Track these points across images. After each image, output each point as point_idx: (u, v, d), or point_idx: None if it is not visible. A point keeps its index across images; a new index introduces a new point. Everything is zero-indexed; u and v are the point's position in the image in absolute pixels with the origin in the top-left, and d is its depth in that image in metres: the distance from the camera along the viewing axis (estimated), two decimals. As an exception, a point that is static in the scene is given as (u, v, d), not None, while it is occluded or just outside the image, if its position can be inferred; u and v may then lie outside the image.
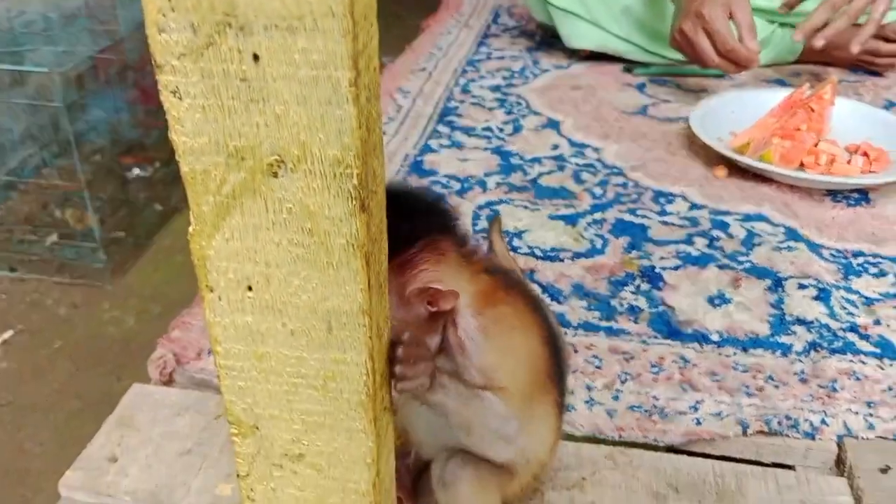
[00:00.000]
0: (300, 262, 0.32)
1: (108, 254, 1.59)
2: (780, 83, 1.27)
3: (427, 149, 1.04)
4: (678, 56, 1.31)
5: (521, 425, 0.45)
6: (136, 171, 1.92)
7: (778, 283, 0.75)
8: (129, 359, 1.04)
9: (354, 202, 0.30)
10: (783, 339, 0.69)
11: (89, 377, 1.03)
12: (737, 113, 1.07)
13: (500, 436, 0.45)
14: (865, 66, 1.32)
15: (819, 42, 1.08)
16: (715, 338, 0.69)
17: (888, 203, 0.91)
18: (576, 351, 0.68)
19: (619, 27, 1.29)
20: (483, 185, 0.95)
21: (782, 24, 1.30)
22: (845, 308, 0.73)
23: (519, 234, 0.84)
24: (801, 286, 0.75)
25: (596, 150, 1.04)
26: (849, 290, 0.75)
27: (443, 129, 1.11)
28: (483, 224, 0.86)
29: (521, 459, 0.47)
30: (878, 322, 0.71)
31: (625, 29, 1.29)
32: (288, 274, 0.33)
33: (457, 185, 0.95)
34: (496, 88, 1.25)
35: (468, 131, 1.10)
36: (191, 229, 0.33)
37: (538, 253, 0.81)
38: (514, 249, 0.81)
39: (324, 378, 0.36)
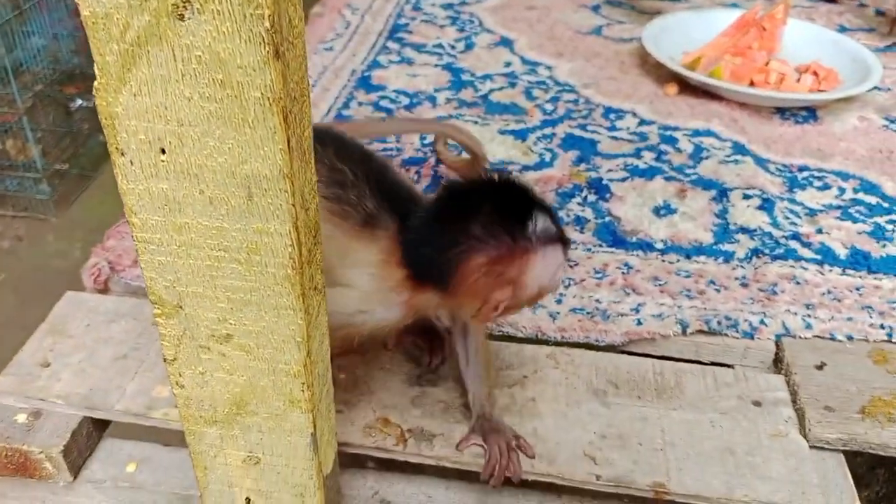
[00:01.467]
0: (214, 119, 0.30)
1: (52, 185, 1.54)
2: (735, 5, 1.26)
3: (376, 64, 1.01)
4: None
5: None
6: (80, 101, 1.84)
7: (723, 194, 0.76)
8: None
9: (268, 48, 0.28)
10: (726, 246, 0.69)
11: (35, 309, 1.00)
12: (690, 32, 1.05)
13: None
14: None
15: None
16: (659, 246, 0.69)
17: (835, 121, 0.91)
18: (521, 258, 0.67)
19: (576, -53, 1.26)
20: (433, 100, 0.93)
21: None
22: (788, 218, 0.73)
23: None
24: (746, 196, 0.75)
25: (549, 67, 1.02)
26: (793, 201, 0.76)
27: (392, 45, 1.07)
28: (431, 139, 0.84)
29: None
30: (820, 231, 0.72)
31: (581, -52, 1.26)
32: (202, 134, 0.31)
33: (405, 100, 0.92)
34: (449, 6, 1.21)
35: (419, 48, 1.07)
36: (96, 83, 0.30)
37: (486, 166, 0.79)
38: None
39: (247, 251, 0.34)
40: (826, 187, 0.79)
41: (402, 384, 0.55)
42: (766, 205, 0.74)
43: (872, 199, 0.77)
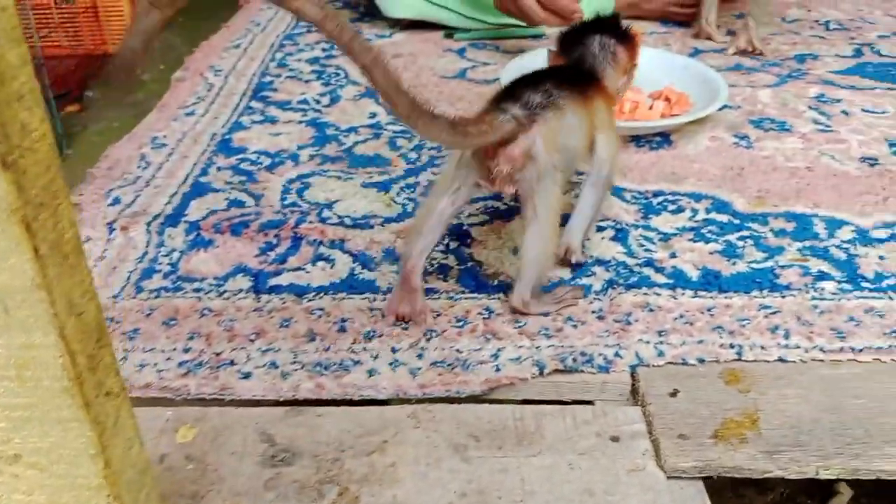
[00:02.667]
0: (-52, 236, 0.28)
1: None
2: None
3: (238, 126, 1.00)
4: (497, 20, 1.33)
5: None
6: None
7: (580, 229, 0.77)
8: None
9: (-10, 160, 0.27)
10: (584, 280, 0.70)
11: None
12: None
13: None
14: (673, 18, 1.38)
15: None
16: (520, 287, 0.70)
17: (688, 143, 0.95)
18: (383, 316, 0.66)
19: (437, -7, 1.28)
20: (295, 158, 0.92)
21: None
22: (643, 245, 0.75)
23: (330, 205, 0.82)
24: (599, 228, 0.77)
25: (414, 115, 1.02)
26: (647, 227, 0.78)
27: (256, 104, 1.06)
28: (293, 198, 0.83)
29: None
30: (673, 255, 0.74)
31: (443, -5, 1.29)
32: (-61, 251, 0.29)
33: (267, 161, 0.91)
34: (315, 60, 1.21)
35: (283, 105, 1.06)
36: None
37: (348, 222, 0.79)
38: (324, 220, 0.79)
39: (16, 367, 0.32)
40: (680, 210, 0.81)
41: (254, 466, 0.53)
42: (621, 234, 0.76)
43: (724, 218, 0.80)
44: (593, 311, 0.66)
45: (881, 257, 0.73)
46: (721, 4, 1.33)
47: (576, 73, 0.69)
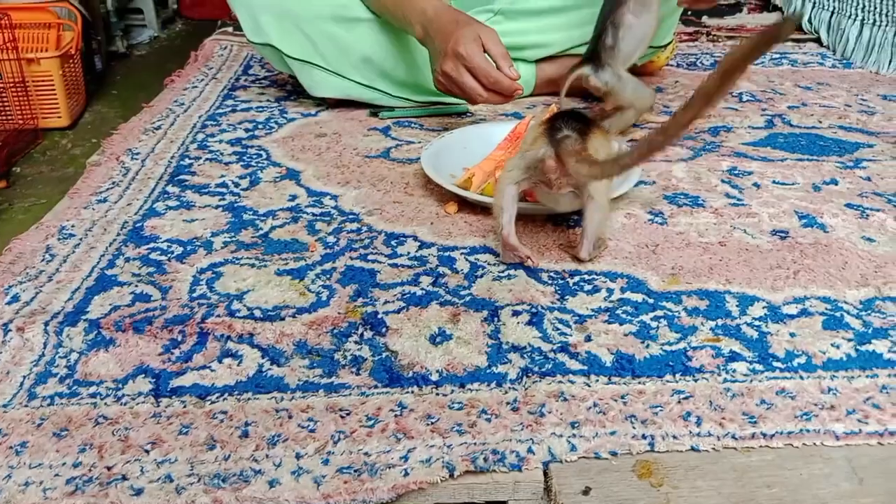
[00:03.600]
0: None
1: None
2: (517, 115, 1.33)
3: (152, 213, 0.97)
4: (423, 98, 1.34)
5: None
6: None
7: (494, 313, 0.76)
8: None
9: None
10: (499, 368, 0.69)
11: None
12: (469, 148, 1.09)
13: None
14: (593, 93, 1.41)
15: None
16: (434, 378, 0.68)
17: (606, 220, 0.96)
18: (290, 417, 0.64)
19: (361, 75, 1.29)
20: (209, 245, 0.89)
21: (517, 60, 1.36)
22: (558, 329, 0.75)
23: (241, 296, 0.79)
24: (515, 313, 0.76)
25: (334, 197, 1.02)
26: (563, 310, 0.78)
27: (173, 189, 1.04)
28: (203, 290, 0.81)
29: None
30: (588, 338, 0.74)
31: (367, 76, 1.30)
32: None
33: (178, 250, 0.88)
34: (236, 141, 1.20)
35: (200, 189, 1.04)
36: None
37: (258, 314, 0.76)
38: (233, 313, 0.76)
39: None
40: (596, 290, 0.82)
41: None
42: (536, 319, 0.76)
43: (639, 297, 0.80)
44: (507, 403, 0.65)
45: (792, 334, 0.74)
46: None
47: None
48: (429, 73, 1.30)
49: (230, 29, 1.83)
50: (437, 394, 0.66)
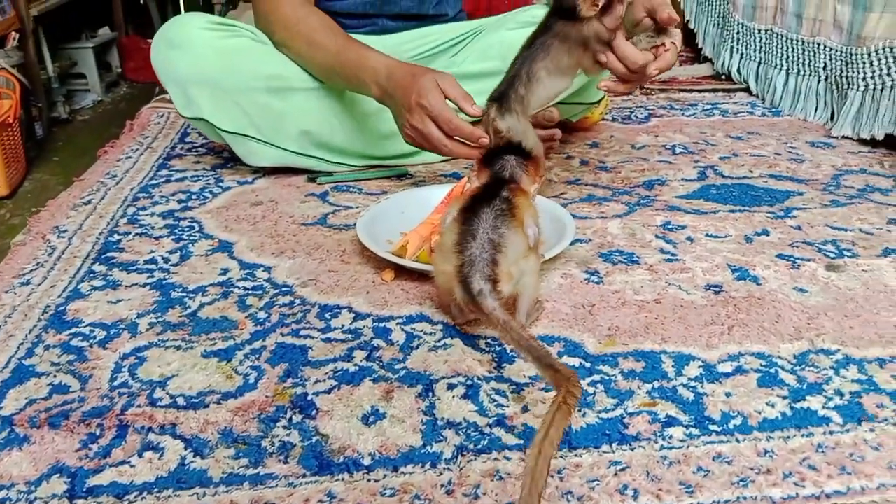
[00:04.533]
0: None
1: None
2: (455, 176, 1.34)
3: (76, 294, 0.94)
4: (362, 162, 1.34)
5: None
6: None
7: (429, 388, 0.74)
8: None
9: None
10: (434, 447, 0.67)
11: None
12: (407, 213, 1.09)
13: None
14: (532, 151, 1.43)
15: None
16: (366, 461, 0.66)
17: (541, 281, 0.96)
18: (213, 512, 0.60)
19: (298, 145, 1.28)
20: (133, 328, 0.86)
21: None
22: (495, 400, 0.73)
23: (164, 383, 0.76)
24: (450, 386, 0.75)
25: (267, 269, 1.00)
26: (500, 379, 0.76)
27: (100, 268, 1.01)
28: (124, 377, 0.77)
29: None
30: (525, 409, 0.72)
31: (304, 146, 1.29)
32: None
33: (101, 334, 0.85)
34: (168, 214, 1.18)
35: (128, 267, 1.01)
36: None
37: (182, 402, 0.73)
38: (155, 402, 0.73)
39: None
40: (534, 356, 0.80)
41: None
42: (472, 391, 0.74)
43: (576, 361, 0.80)
44: (441, 486, 0.63)
45: (727, 394, 0.74)
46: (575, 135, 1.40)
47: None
48: (368, 138, 1.31)
49: (168, 96, 1.81)
50: (369, 479, 0.64)
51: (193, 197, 1.24)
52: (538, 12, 1.33)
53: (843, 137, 1.51)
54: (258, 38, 1.26)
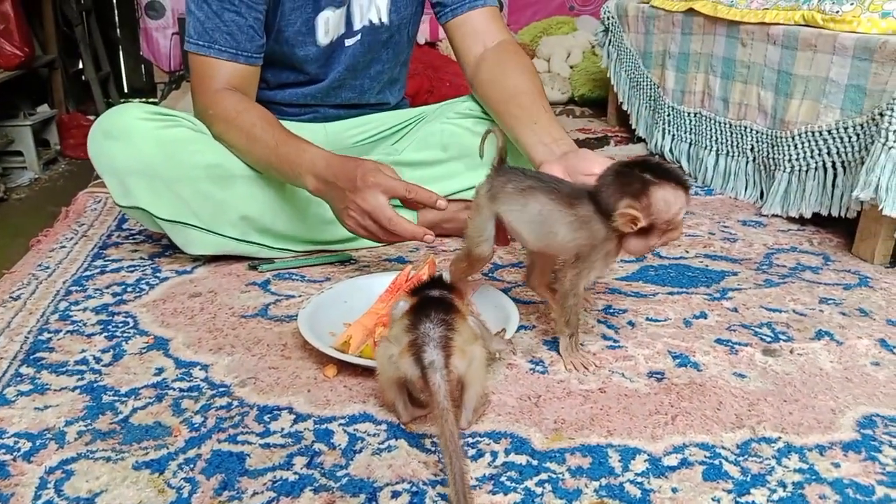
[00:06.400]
0: None
1: None
2: (401, 260, 1.33)
3: (2, 401, 0.89)
4: (304, 248, 1.33)
5: None
6: None
7: (373, 497, 0.72)
8: None
9: None
10: (378, 563, 0.64)
11: None
12: (350, 302, 1.08)
13: None
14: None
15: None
16: (307, 582, 0.62)
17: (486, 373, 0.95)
18: None
19: (239, 232, 1.27)
20: (61, 438, 0.82)
21: (397, 207, 1.38)
22: (440, 507, 0.71)
23: (91, 500, 0.72)
24: (395, 494, 0.72)
25: (204, 367, 0.96)
26: (445, 482, 0.74)
27: (27, 370, 0.96)
28: (50, 495, 0.73)
29: None
30: (472, 515, 0.70)
31: (245, 232, 1.27)
32: None
33: (26, 446, 0.80)
34: (102, 309, 1.14)
35: (57, 369, 0.96)
36: None
37: None
38: (81, 523, 0.69)
39: None
40: (480, 455, 0.79)
41: None
42: (416, 499, 0.72)
43: (523, 459, 0.78)
44: None
45: (674, 489, 0.74)
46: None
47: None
48: (311, 224, 1.30)
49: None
50: None
51: (129, 289, 1.21)
52: (474, 105, 1.37)
53: (773, 216, 1.57)
54: (197, 128, 1.25)
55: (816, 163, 1.46)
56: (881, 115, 1.27)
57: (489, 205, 0.98)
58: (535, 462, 0.78)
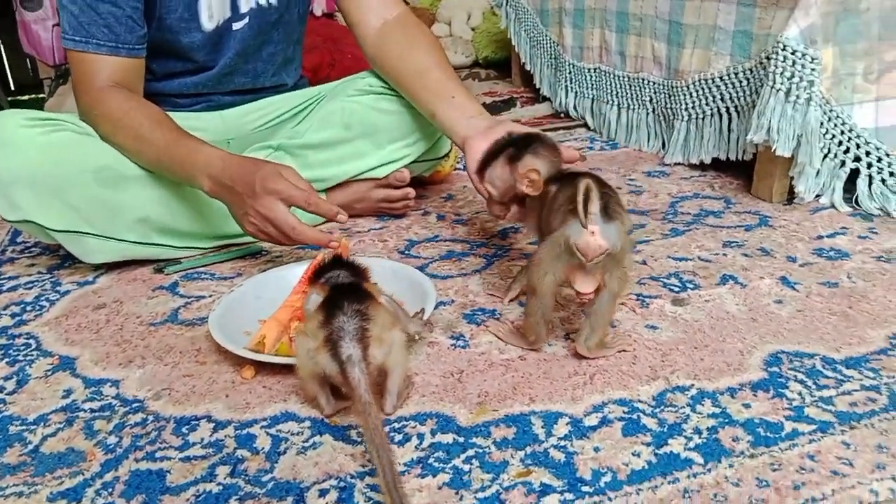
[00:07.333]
0: None
1: None
2: (314, 248, 1.31)
3: None
4: (211, 244, 1.29)
5: None
6: None
7: (300, 498, 0.71)
8: None
9: None
10: (310, 564, 0.64)
11: None
12: (264, 297, 1.05)
13: None
14: (387, 212, 1.43)
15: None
16: None
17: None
18: None
19: (138, 234, 1.22)
20: (-35, 480, 0.77)
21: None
22: (371, 499, 0.71)
23: (3, 540, 0.69)
24: (322, 492, 0.72)
25: (115, 383, 0.93)
26: (374, 472, 0.74)
27: (-80, 410, 0.90)
28: (-45, 541, 0.69)
29: None
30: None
31: (145, 234, 1.22)
32: None
33: (-75, 494, 0.76)
34: (2, 332, 1.08)
35: (-45, 404, 0.91)
36: None
37: None
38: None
39: None
40: (407, 439, 0.79)
41: None
42: (345, 494, 0.71)
43: (449, 437, 0.79)
44: None
45: (596, 448, 0.76)
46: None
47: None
48: (214, 218, 1.26)
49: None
50: None
51: (28, 308, 1.15)
52: (374, 81, 1.34)
53: (676, 164, 1.62)
54: (83, 130, 1.19)
55: (712, 109, 1.50)
56: (768, 58, 1.31)
57: None
58: (461, 439, 0.79)
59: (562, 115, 2.06)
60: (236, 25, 1.29)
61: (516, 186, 0.95)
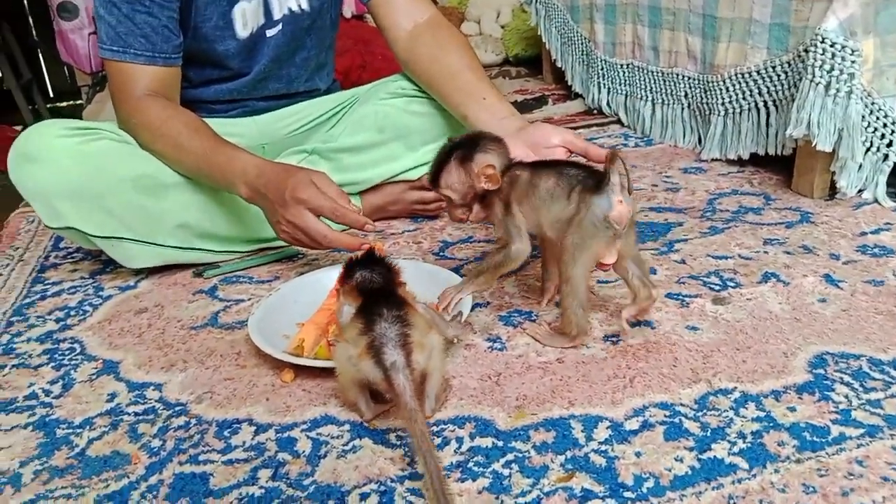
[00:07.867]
0: None
1: None
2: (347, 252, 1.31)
3: (-54, 452, 0.85)
4: (249, 248, 1.30)
5: None
6: None
7: (341, 501, 0.72)
8: None
9: None
10: (353, 569, 0.64)
11: None
12: (301, 300, 1.06)
13: None
14: (421, 214, 1.43)
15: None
16: None
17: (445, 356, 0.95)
18: None
19: (178, 240, 1.23)
20: (17, 480, 0.79)
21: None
22: (411, 503, 0.71)
23: (53, 543, 0.70)
24: (363, 496, 0.72)
25: (158, 387, 0.94)
26: (414, 476, 0.74)
27: (-27, 414, 0.92)
28: (8, 543, 0.71)
29: None
30: (443, 505, 0.70)
31: (185, 240, 1.24)
32: None
33: (-21, 496, 0.78)
34: (47, 337, 1.10)
35: (6, 407, 0.93)
36: None
37: None
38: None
39: None
40: (446, 443, 0.79)
41: None
42: (385, 497, 0.72)
43: (488, 441, 0.79)
44: None
45: (637, 454, 0.75)
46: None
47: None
48: (252, 223, 1.28)
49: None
50: None
51: (72, 313, 1.17)
52: (406, 84, 1.35)
53: (713, 160, 1.59)
54: (121, 139, 1.21)
55: (749, 104, 1.48)
56: (806, 51, 1.28)
57: None
58: (500, 443, 0.78)
59: (594, 111, 2.04)
60: (270, 32, 1.30)
61: (475, 185, 0.95)
